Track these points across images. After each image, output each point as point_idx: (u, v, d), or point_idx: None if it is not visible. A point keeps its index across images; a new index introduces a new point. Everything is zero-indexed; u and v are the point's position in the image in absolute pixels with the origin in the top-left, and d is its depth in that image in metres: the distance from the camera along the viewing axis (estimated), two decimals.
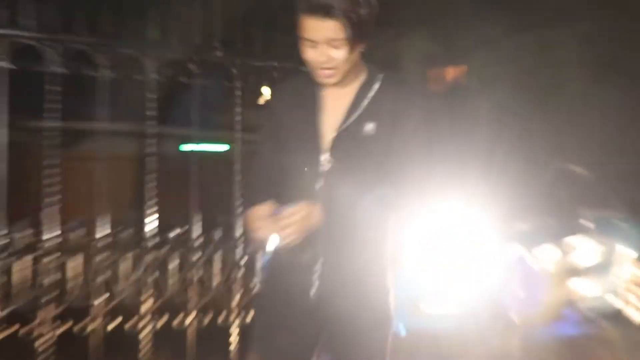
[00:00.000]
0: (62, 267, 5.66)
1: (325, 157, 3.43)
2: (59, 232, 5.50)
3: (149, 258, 5.94)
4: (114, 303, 5.90)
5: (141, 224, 5.97)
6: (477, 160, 10.44)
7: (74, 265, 5.69)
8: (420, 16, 13.90)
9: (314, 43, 3.32)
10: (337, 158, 3.42)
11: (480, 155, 10.76)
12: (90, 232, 5.83)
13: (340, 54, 3.33)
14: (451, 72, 16.50)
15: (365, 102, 3.47)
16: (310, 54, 3.36)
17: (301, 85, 3.57)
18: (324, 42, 3.30)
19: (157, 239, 5.99)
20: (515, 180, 10.03)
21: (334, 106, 3.49)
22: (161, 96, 5.94)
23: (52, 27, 5.26)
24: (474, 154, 10.99)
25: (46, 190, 5.58)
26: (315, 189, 3.40)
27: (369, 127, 3.43)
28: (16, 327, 5.31)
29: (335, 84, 3.45)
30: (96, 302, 5.75)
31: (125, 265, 5.91)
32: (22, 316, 5.59)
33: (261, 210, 3.34)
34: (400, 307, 8.36)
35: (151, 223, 5.94)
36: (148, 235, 5.90)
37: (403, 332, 8.79)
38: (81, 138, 6.65)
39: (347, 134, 3.43)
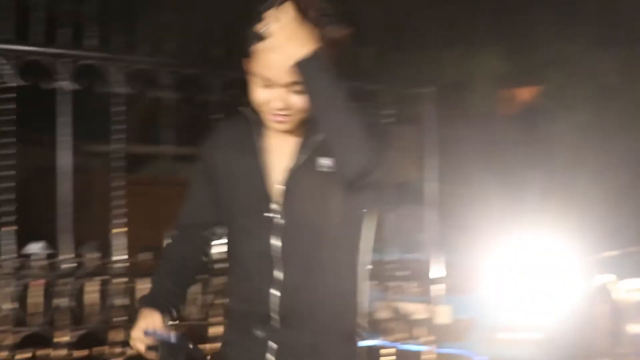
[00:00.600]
0: (130, 290, 5.66)
1: (276, 207, 2.99)
2: (126, 255, 5.50)
3: (217, 281, 5.91)
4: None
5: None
6: (557, 187, 10.36)
7: (142, 288, 5.71)
8: (491, 32, 13.79)
9: (271, 84, 2.93)
10: (291, 204, 2.99)
11: (561, 182, 10.65)
12: (157, 255, 5.86)
13: (300, 101, 2.91)
14: (524, 93, 16.35)
15: (316, 139, 3.01)
16: (264, 96, 2.95)
17: (240, 128, 3.16)
18: (284, 85, 2.91)
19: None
20: (600, 207, 9.92)
21: (283, 147, 3.07)
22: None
23: (116, 47, 5.28)
24: (553, 181, 10.92)
25: (113, 213, 5.59)
26: (271, 245, 2.97)
27: (325, 163, 3.00)
28: (87, 350, 5.29)
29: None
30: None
31: (193, 288, 5.90)
32: (93, 338, 5.62)
33: (141, 325, 2.93)
34: (480, 334, 8.47)
35: (218, 246, 5.93)
36: (216, 257, 5.90)
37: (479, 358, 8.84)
38: (145, 162, 6.64)
39: (300, 175, 3.02)
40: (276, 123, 2.98)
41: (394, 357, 5.21)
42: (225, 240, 3.24)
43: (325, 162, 2.99)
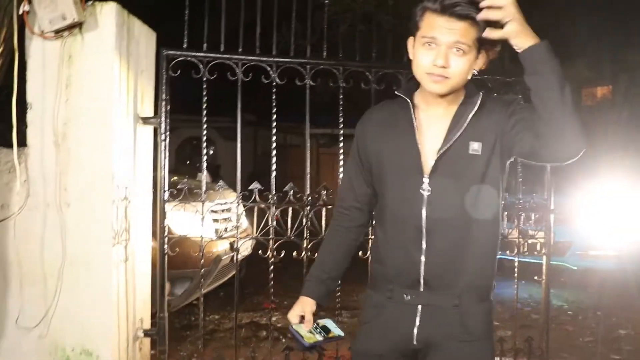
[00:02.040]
0: None
1: (427, 180, 2.38)
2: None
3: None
4: None
5: None
6: (627, 151, 10.14)
7: None
8: (577, 50, 13.54)
9: (436, 44, 2.30)
10: (441, 181, 2.37)
11: (629, 148, 10.41)
12: None
13: (459, 63, 2.30)
14: (600, 91, 15.87)
15: (466, 121, 2.38)
16: (427, 55, 2.32)
17: (393, 110, 2.52)
18: (448, 45, 2.28)
19: None
20: None
21: (433, 128, 2.43)
22: None
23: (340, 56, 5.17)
24: (623, 147, 10.67)
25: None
26: (421, 215, 2.38)
27: (474, 146, 2.36)
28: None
29: (441, 97, 2.41)
30: None
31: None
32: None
33: (295, 310, 2.50)
34: (574, 251, 8.24)
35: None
36: None
37: (575, 268, 8.63)
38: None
39: (450, 155, 2.38)
40: (433, 83, 2.34)
41: (515, 268, 5.07)
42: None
43: (474, 145, 2.37)
